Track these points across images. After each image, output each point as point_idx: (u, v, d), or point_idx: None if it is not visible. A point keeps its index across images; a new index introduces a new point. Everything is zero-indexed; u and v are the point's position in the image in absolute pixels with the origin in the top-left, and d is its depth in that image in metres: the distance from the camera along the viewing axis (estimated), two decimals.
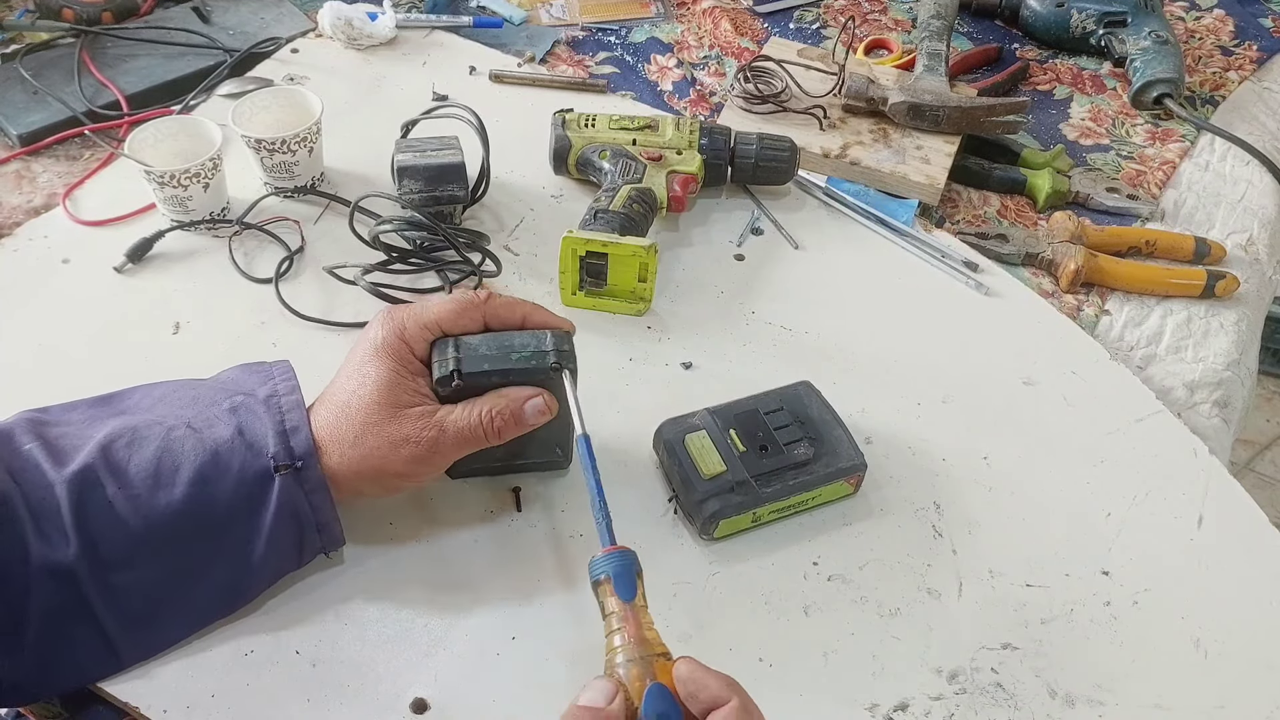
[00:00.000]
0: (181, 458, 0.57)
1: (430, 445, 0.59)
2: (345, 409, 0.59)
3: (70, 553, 0.54)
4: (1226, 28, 1.22)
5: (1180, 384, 0.82)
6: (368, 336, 0.62)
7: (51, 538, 0.55)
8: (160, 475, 0.57)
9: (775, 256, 0.89)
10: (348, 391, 0.60)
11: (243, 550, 0.58)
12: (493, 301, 0.64)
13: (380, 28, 1.08)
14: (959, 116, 0.97)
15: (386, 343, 0.61)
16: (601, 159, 0.89)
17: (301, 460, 0.58)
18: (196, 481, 0.57)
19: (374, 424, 0.59)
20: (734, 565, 0.66)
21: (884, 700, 0.60)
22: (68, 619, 0.55)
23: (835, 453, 0.68)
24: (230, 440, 0.58)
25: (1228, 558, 0.69)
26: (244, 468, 0.58)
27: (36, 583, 0.54)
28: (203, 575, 0.58)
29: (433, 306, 0.62)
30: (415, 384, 0.60)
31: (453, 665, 0.60)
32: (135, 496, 0.56)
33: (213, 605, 0.59)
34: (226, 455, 0.58)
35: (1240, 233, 0.96)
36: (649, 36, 1.14)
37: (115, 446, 0.57)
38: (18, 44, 1.02)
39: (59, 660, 0.56)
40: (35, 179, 0.91)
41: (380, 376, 0.60)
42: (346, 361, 0.62)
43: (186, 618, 0.59)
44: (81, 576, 0.55)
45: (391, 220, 0.80)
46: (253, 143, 0.85)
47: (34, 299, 0.80)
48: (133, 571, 0.56)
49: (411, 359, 0.61)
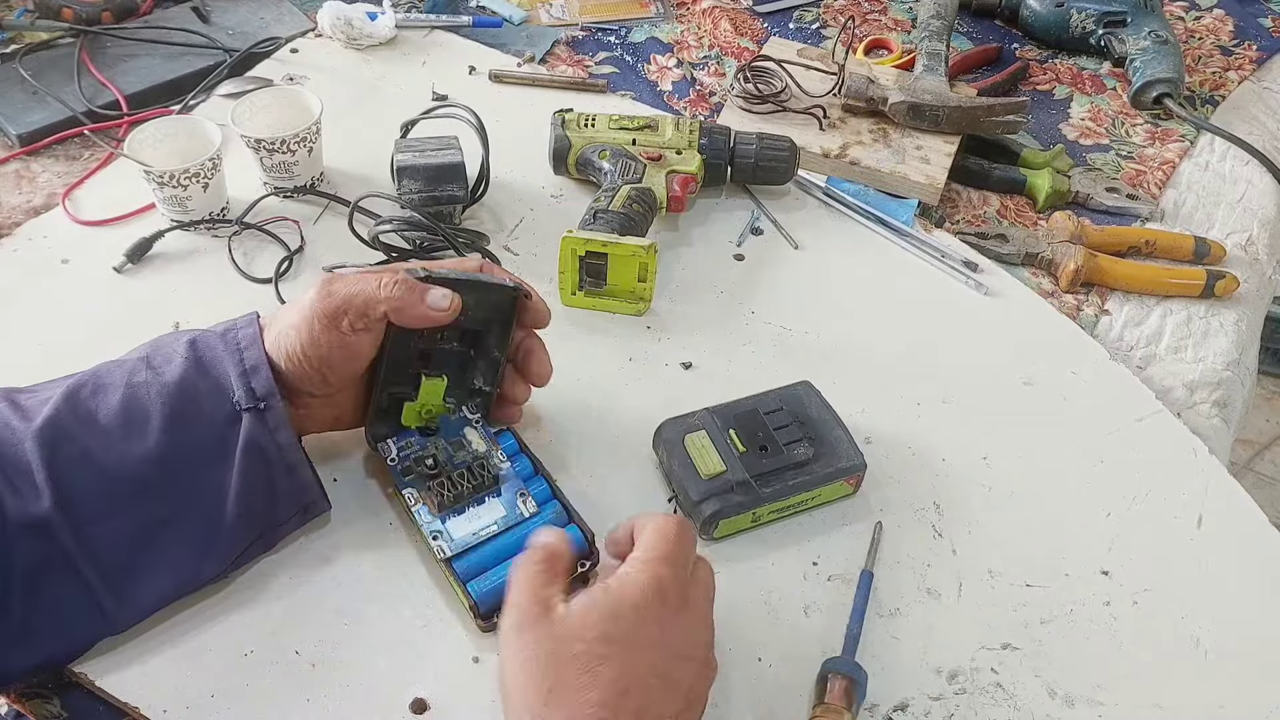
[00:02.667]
0: (148, 402, 0.57)
1: (365, 341, 0.60)
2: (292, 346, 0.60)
3: (45, 505, 0.54)
4: (1226, 28, 1.22)
5: (1180, 384, 0.82)
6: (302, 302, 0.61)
7: (24, 491, 0.54)
8: (131, 422, 0.57)
9: (775, 256, 0.89)
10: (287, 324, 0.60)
11: (216, 493, 0.58)
12: (435, 263, 0.64)
13: (380, 28, 1.08)
14: (959, 116, 0.97)
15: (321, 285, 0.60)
16: (601, 159, 0.89)
17: (264, 401, 0.59)
18: (167, 427, 0.57)
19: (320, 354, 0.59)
20: (734, 565, 0.66)
21: (884, 700, 0.60)
22: (50, 574, 0.55)
23: (835, 453, 0.68)
24: (193, 377, 0.59)
25: (1228, 558, 0.69)
26: (214, 411, 0.58)
27: (15, 539, 0.54)
28: (179, 521, 0.58)
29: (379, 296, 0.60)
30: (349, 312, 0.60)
31: (453, 665, 0.60)
32: (109, 444, 0.56)
33: (189, 556, 0.59)
34: (192, 396, 0.58)
35: (1240, 233, 0.96)
36: (649, 36, 1.14)
37: (80, 395, 0.58)
38: (17, 44, 1.02)
39: (46, 621, 0.55)
40: (35, 179, 0.91)
41: (314, 303, 0.60)
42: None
43: (166, 569, 0.58)
44: (58, 528, 0.55)
45: (391, 220, 0.80)
46: (252, 143, 0.85)
47: (34, 299, 0.80)
48: (109, 522, 0.56)
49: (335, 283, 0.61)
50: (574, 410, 0.74)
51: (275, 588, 0.62)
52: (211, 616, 0.61)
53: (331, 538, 0.65)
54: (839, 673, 0.59)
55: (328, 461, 0.68)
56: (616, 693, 0.49)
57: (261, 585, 0.62)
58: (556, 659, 0.50)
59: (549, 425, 0.73)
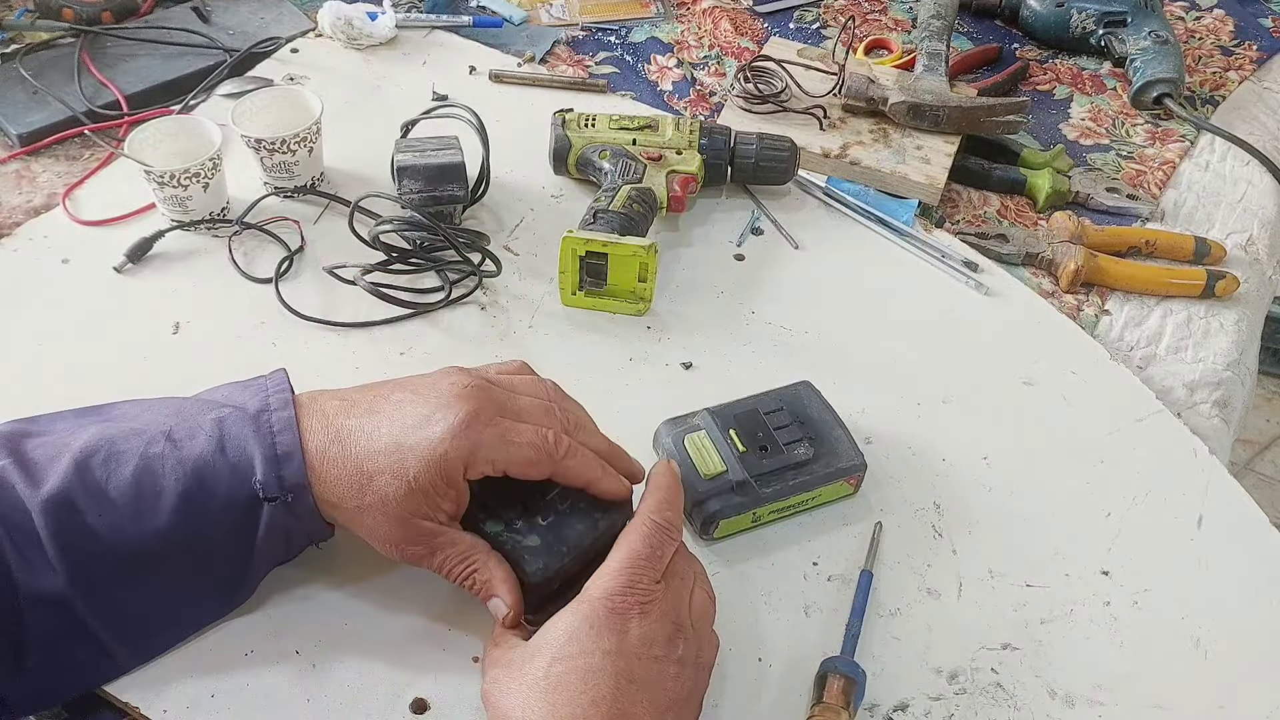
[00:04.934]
0: (162, 479, 0.54)
1: (411, 559, 0.57)
2: (364, 464, 0.54)
3: (60, 582, 0.53)
4: (1226, 28, 1.22)
5: (1180, 384, 0.82)
6: (431, 429, 0.54)
7: (36, 565, 0.52)
8: (142, 498, 0.53)
9: (775, 256, 0.89)
10: (379, 448, 0.54)
11: (233, 565, 0.57)
12: (571, 459, 0.57)
13: (380, 27, 1.08)
14: (959, 116, 0.97)
15: (447, 458, 0.54)
16: (601, 159, 0.89)
17: (292, 493, 0.54)
18: (181, 508, 0.54)
19: (375, 507, 0.54)
20: (734, 565, 0.66)
21: (884, 700, 0.60)
22: (66, 641, 0.55)
23: (835, 453, 0.68)
24: (212, 459, 0.54)
25: (1228, 558, 0.69)
26: (230, 493, 0.54)
27: (29, 611, 0.53)
28: (196, 588, 0.58)
29: (513, 445, 0.55)
30: (449, 502, 0.55)
31: (453, 665, 0.60)
32: (118, 521, 0.53)
33: (208, 610, 0.59)
34: (210, 478, 0.54)
35: (1240, 233, 0.96)
36: (649, 36, 1.14)
37: (91, 465, 0.54)
38: (17, 44, 1.02)
39: (61, 678, 0.56)
40: (35, 179, 0.91)
41: (419, 484, 0.54)
42: (399, 408, 0.56)
43: (184, 623, 0.59)
44: (73, 603, 0.53)
45: (391, 220, 0.80)
46: (252, 142, 0.85)
47: (34, 299, 0.80)
48: (124, 592, 0.55)
49: (458, 478, 0.55)
50: None
51: (275, 588, 0.62)
52: None
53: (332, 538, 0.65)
54: (837, 672, 0.59)
55: None
56: (588, 703, 0.49)
57: (262, 586, 0.62)
58: (525, 691, 0.51)
59: None
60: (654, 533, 0.55)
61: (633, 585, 0.53)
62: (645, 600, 0.53)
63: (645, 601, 0.53)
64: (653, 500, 0.57)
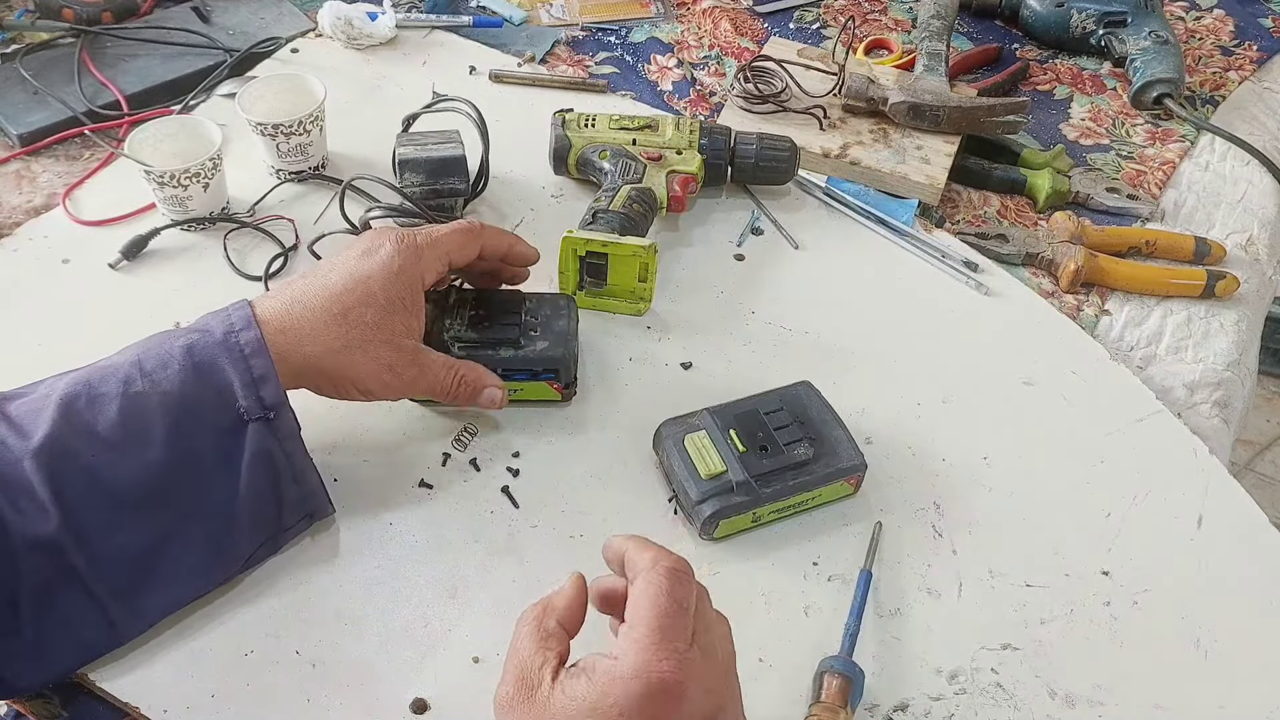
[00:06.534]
0: (150, 412, 0.57)
1: (407, 382, 0.65)
2: (331, 306, 0.61)
3: (52, 525, 0.54)
4: (1226, 28, 1.22)
5: (1180, 384, 0.82)
6: (378, 255, 0.63)
7: (28, 511, 0.54)
8: (131, 434, 0.56)
9: (775, 256, 0.89)
10: (339, 289, 0.62)
11: (222, 501, 0.58)
12: (486, 231, 0.70)
13: (380, 27, 1.08)
14: (959, 116, 0.97)
15: (404, 270, 0.63)
16: (601, 159, 0.89)
17: (273, 410, 0.59)
18: (171, 438, 0.56)
19: (363, 340, 0.62)
20: (734, 565, 0.66)
21: (884, 700, 0.60)
22: (59, 591, 0.55)
23: (835, 453, 0.68)
24: (195, 388, 0.57)
25: (1228, 558, 0.69)
26: (217, 419, 0.58)
27: (23, 559, 0.54)
28: (186, 531, 0.58)
29: (443, 235, 0.66)
30: (416, 319, 0.65)
31: (453, 665, 0.60)
32: (111, 459, 0.55)
33: (199, 565, 0.59)
34: (197, 406, 0.57)
35: (1240, 233, 0.96)
36: (649, 36, 1.14)
37: (76, 408, 0.56)
38: (18, 44, 1.02)
39: (57, 636, 0.56)
40: (35, 179, 0.91)
41: (390, 299, 0.62)
42: (339, 262, 0.64)
43: (176, 580, 0.58)
44: (66, 546, 0.54)
45: (381, 205, 0.80)
46: (269, 129, 0.85)
47: (34, 299, 0.80)
48: (117, 537, 0.56)
49: (419, 291, 0.65)
50: (574, 409, 0.74)
51: (276, 588, 0.62)
52: (212, 616, 0.61)
53: (332, 538, 0.65)
54: (834, 671, 0.59)
55: (328, 462, 0.68)
56: None
57: (262, 585, 0.62)
58: None
59: (549, 425, 0.73)
60: (673, 583, 0.47)
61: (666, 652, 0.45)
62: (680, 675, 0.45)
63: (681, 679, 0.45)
64: (648, 555, 0.49)
